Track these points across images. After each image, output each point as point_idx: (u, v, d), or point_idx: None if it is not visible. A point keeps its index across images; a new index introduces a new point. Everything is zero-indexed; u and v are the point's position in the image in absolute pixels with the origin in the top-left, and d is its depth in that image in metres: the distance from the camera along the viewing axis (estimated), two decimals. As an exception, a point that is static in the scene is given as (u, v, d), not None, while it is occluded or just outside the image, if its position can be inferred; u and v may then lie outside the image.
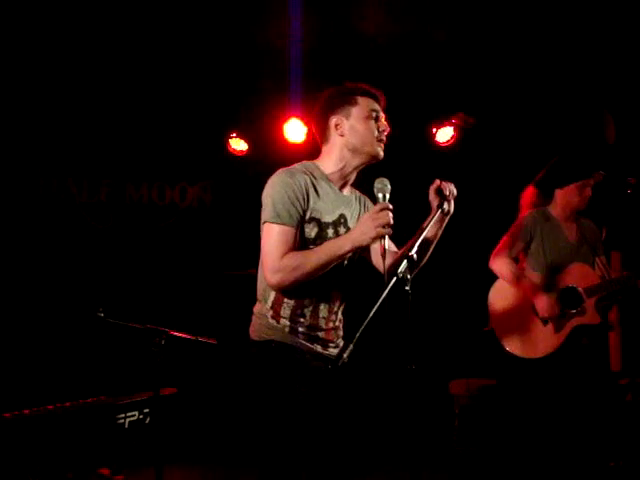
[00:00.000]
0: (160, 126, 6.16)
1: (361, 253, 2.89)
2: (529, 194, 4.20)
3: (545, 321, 3.91)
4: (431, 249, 2.79)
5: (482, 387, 4.73)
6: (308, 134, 5.87)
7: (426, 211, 2.71)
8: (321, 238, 2.69)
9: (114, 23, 5.35)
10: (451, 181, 2.73)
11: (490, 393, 4.73)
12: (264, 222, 2.63)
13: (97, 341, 5.25)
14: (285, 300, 2.68)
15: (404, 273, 2.39)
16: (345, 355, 2.33)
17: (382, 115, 2.83)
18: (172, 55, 5.76)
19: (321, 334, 2.72)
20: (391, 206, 2.53)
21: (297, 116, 5.90)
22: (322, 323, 2.73)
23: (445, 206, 2.68)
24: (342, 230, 2.75)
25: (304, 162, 2.80)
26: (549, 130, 5.79)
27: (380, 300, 2.33)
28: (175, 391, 3.29)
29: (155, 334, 3.22)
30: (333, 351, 2.76)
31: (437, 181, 2.71)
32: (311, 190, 2.68)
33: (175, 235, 6.33)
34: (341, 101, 2.80)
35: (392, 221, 2.51)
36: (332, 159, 2.80)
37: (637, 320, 4.97)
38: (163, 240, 6.26)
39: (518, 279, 3.99)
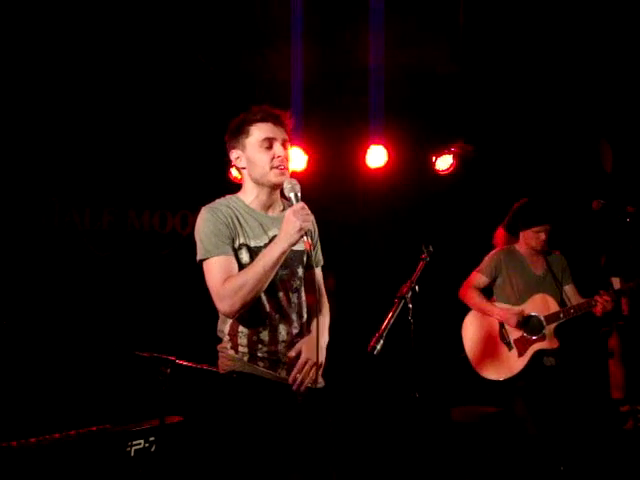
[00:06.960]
0: (162, 154, 6.19)
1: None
2: (500, 234, 4.57)
3: (510, 347, 4.26)
4: None
5: (484, 414, 4.72)
6: (309, 162, 5.91)
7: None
8: None
9: (118, 44, 5.43)
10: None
11: (492, 421, 4.73)
12: (199, 261, 2.68)
13: (102, 369, 5.22)
14: (240, 329, 2.69)
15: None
16: (379, 347, 2.40)
17: (278, 139, 2.75)
18: (173, 85, 5.83)
19: (284, 359, 2.68)
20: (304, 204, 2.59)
21: (298, 145, 5.94)
22: (282, 347, 2.69)
23: None
24: None
25: (227, 196, 2.83)
26: (548, 158, 5.86)
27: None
28: (181, 419, 3.29)
29: (161, 363, 3.22)
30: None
31: None
32: (237, 218, 2.71)
33: (176, 263, 6.32)
34: (236, 133, 2.78)
35: (311, 216, 2.59)
36: (247, 190, 2.82)
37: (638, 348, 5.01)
38: (164, 268, 6.26)
39: (483, 306, 4.38)
